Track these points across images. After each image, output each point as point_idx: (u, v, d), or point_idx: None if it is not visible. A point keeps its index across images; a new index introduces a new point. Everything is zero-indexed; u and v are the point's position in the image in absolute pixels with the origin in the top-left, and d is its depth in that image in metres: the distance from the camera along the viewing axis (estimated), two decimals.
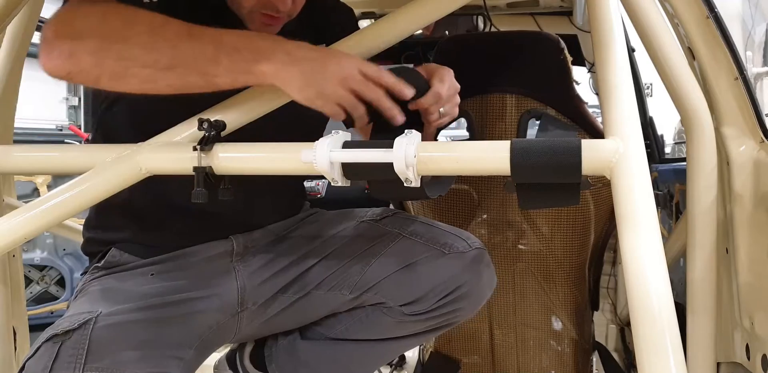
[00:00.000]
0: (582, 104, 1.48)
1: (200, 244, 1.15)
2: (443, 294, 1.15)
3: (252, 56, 0.85)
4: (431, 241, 1.18)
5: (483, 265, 1.19)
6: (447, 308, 1.17)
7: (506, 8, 2.06)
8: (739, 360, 1.14)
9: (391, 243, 1.19)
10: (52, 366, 0.93)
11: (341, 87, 0.87)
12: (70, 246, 3.12)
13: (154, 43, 0.85)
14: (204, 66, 0.85)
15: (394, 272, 1.16)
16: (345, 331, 1.23)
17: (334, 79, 0.86)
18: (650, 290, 0.74)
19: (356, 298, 1.19)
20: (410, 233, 1.20)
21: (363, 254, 1.19)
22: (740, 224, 1.12)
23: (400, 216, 1.25)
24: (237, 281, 1.15)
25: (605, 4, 0.97)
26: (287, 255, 1.20)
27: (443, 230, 1.21)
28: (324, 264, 1.19)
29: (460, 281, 1.16)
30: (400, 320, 1.19)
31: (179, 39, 0.85)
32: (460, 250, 1.17)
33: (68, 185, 0.93)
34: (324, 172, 0.86)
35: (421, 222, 1.23)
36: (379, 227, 1.22)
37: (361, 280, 1.17)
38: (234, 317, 1.15)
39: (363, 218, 1.25)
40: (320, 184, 2.44)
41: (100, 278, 1.12)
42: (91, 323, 0.98)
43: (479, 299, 1.21)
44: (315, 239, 1.22)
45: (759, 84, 4.29)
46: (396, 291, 1.17)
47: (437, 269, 1.16)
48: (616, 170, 0.80)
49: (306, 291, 1.19)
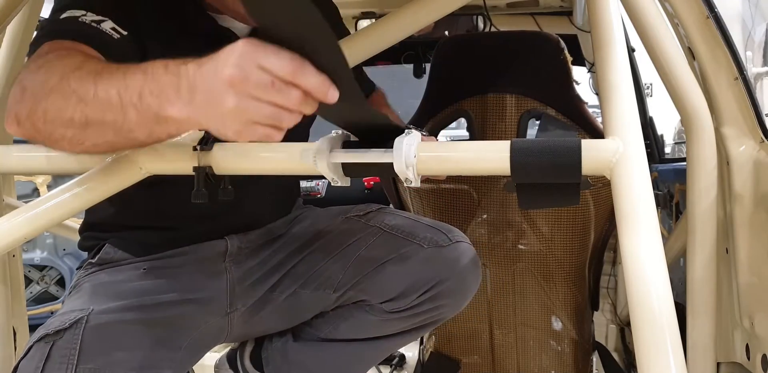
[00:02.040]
0: (582, 104, 1.48)
1: (195, 244, 1.14)
2: (422, 290, 1.13)
3: (155, 102, 0.70)
4: (411, 235, 1.15)
5: (465, 259, 1.16)
6: (429, 304, 1.15)
7: (506, 8, 2.06)
8: (739, 360, 1.14)
9: (372, 238, 1.17)
10: (44, 367, 0.93)
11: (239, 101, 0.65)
12: (70, 246, 3.11)
13: (66, 100, 0.74)
14: (114, 120, 0.73)
15: (374, 268, 1.15)
16: (333, 331, 1.23)
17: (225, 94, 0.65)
18: (650, 290, 0.74)
19: (341, 296, 1.18)
20: (391, 228, 1.17)
21: (345, 251, 1.18)
22: (740, 224, 1.12)
23: (383, 211, 1.23)
24: (227, 283, 1.15)
25: (605, 4, 0.97)
26: (277, 255, 1.20)
27: (425, 225, 1.18)
28: (308, 261, 1.19)
29: (440, 276, 1.13)
30: (382, 318, 1.18)
31: (85, 89, 0.73)
32: (440, 243, 1.14)
33: (68, 185, 0.93)
34: (324, 173, 0.86)
35: (404, 217, 1.21)
36: (362, 223, 1.21)
37: (343, 278, 1.16)
38: (224, 318, 1.15)
39: (348, 214, 1.24)
40: (320, 184, 2.45)
41: (93, 274, 1.12)
42: (82, 322, 0.98)
43: (463, 295, 1.18)
44: (302, 237, 1.22)
45: (759, 84, 4.29)
46: (376, 288, 1.15)
47: (415, 265, 1.13)
48: (616, 170, 0.80)
49: (292, 290, 1.18)
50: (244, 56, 0.64)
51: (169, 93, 0.69)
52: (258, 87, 0.64)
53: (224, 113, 0.66)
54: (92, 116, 0.73)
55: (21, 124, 0.79)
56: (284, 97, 0.65)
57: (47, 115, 0.76)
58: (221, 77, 0.64)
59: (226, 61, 0.64)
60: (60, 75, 0.76)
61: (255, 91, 0.64)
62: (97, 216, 1.17)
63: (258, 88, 0.64)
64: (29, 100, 0.77)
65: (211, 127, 0.69)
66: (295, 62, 0.64)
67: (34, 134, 0.79)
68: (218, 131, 0.69)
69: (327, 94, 0.66)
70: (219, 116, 0.67)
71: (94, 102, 0.73)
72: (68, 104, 0.74)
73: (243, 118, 0.66)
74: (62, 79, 0.75)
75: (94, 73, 0.74)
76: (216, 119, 0.67)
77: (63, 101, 0.74)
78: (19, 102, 0.78)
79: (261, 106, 0.65)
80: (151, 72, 0.71)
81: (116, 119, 0.72)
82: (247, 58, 0.63)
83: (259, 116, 0.66)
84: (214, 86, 0.65)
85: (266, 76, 0.63)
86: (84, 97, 0.73)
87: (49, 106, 0.75)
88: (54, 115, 0.75)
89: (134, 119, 0.71)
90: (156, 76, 0.70)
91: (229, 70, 0.63)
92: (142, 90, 0.70)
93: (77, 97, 0.73)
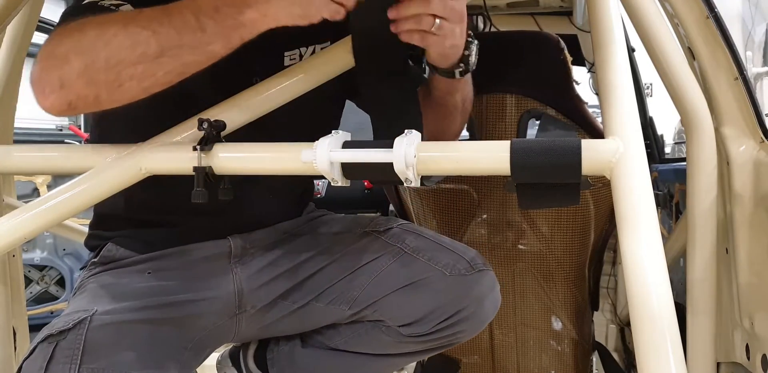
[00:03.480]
0: (582, 104, 1.48)
1: (197, 242, 1.14)
2: (443, 318, 1.12)
3: (233, 10, 0.82)
4: (433, 260, 1.13)
5: (486, 288, 1.15)
6: (447, 331, 1.14)
7: (506, 8, 2.06)
8: (739, 360, 1.14)
9: (393, 259, 1.15)
10: (48, 367, 0.93)
11: None
12: (70, 246, 3.11)
13: (134, 37, 0.81)
14: (192, 39, 0.82)
15: (394, 291, 1.13)
16: (344, 343, 1.22)
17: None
18: (650, 290, 0.74)
19: (356, 313, 1.17)
20: (413, 250, 1.15)
21: (364, 269, 1.16)
22: (740, 224, 1.12)
23: (404, 228, 1.21)
24: (234, 284, 1.14)
25: (605, 4, 0.97)
26: (288, 259, 1.18)
27: (446, 248, 1.16)
28: (325, 274, 1.17)
29: (461, 305, 1.12)
30: (398, 339, 1.16)
31: (156, 22, 0.82)
32: (462, 272, 1.12)
33: (68, 185, 0.93)
34: (324, 172, 0.86)
35: (425, 237, 1.19)
36: (382, 241, 1.19)
37: (360, 296, 1.15)
38: (232, 319, 1.15)
39: (367, 228, 1.22)
40: (320, 184, 2.44)
41: (97, 274, 1.12)
42: (86, 323, 0.98)
43: (481, 323, 1.17)
44: (317, 245, 1.20)
45: (759, 84, 4.30)
46: (395, 312, 1.14)
47: (437, 292, 1.12)
48: (616, 170, 0.80)
49: (306, 301, 1.17)
50: None
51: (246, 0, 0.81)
52: None
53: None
54: (168, 43, 0.81)
55: (68, 86, 0.82)
56: None
57: (110, 62, 0.81)
58: None
59: None
60: (120, 24, 0.82)
61: None
62: (103, 209, 1.16)
63: None
64: (79, 58, 0.81)
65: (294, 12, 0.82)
66: None
67: (86, 91, 0.83)
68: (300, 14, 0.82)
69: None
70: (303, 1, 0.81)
71: (168, 30, 0.81)
72: (138, 41, 0.81)
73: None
74: (125, 26, 0.82)
75: (159, 11, 0.83)
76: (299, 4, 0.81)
77: (130, 41, 0.81)
78: (63, 64, 0.82)
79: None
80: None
81: (194, 38, 0.82)
82: None
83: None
84: None
85: None
86: (157, 29, 0.81)
87: (111, 51, 0.81)
88: (121, 57, 0.81)
89: (212, 31, 0.82)
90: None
91: None
92: (216, 4, 0.82)
93: (148, 32, 0.81)
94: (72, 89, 0.83)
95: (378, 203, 2.44)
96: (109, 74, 0.82)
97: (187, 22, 0.81)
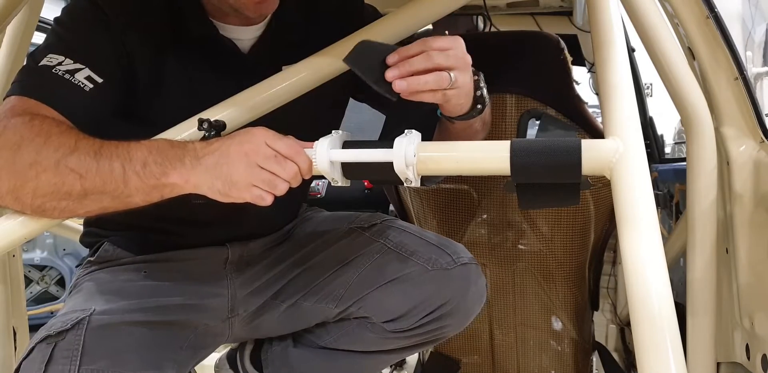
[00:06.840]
0: (582, 104, 1.48)
1: (195, 248, 1.15)
2: (426, 312, 1.12)
3: (158, 170, 0.83)
4: (415, 255, 1.14)
5: (469, 282, 1.14)
6: (431, 325, 1.14)
7: (506, 8, 2.06)
8: (739, 360, 1.14)
9: (376, 255, 1.16)
10: (47, 368, 0.93)
11: (248, 167, 0.83)
12: (70, 246, 3.11)
13: (62, 178, 0.83)
14: (114, 189, 0.84)
15: (377, 288, 1.14)
16: (334, 341, 1.23)
17: (238, 161, 0.83)
18: (650, 290, 0.74)
19: (342, 311, 1.18)
20: (395, 246, 1.16)
21: (348, 266, 1.17)
22: (740, 224, 1.12)
23: (389, 224, 1.21)
24: (228, 289, 1.16)
25: (605, 4, 0.97)
26: (279, 262, 1.20)
27: (430, 243, 1.16)
28: (310, 273, 1.18)
29: (444, 298, 1.12)
30: (383, 336, 1.17)
31: (85, 168, 0.83)
32: (444, 266, 1.12)
33: None
34: (324, 172, 0.86)
35: (409, 232, 1.19)
36: (367, 237, 1.19)
37: (345, 293, 1.16)
38: (225, 322, 1.16)
39: (353, 224, 1.23)
40: (320, 184, 2.44)
41: (93, 272, 1.12)
42: (84, 323, 0.98)
43: (466, 316, 1.17)
44: (306, 244, 1.22)
45: (759, 84, 4.29)
46: (378, 308, 1.14)
47: (419, 287, 1.12)
48: (616, 170, 0.80)
49: (294, 300, 1.18)
50: (258, 136, 0.84)
51: (174, 162, 0.84)
52: (265, 158, 0.83)
53: (233, 176, 0.83)
54: (92, 188, 0.84)
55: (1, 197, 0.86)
56: (282, 168, 0.84)
57: (38, 192, 0.84)
58: (239, 149, 0.83)
59: (244, 137, 0.84)
60: (53, 159, 0.83)
61: (262, 162, 0.83)
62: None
63: (265, 159, 0.83)
64: (9, 178, 0.84)
65: (215, 187, 0.84)
66: (294, 146, 0.85)
67: (16, 206, 0.87)
68: (220, 190, 0.84)
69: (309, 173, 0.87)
70: (227, 179, 0.83)
71: (95, 176, 0.83)
72: (65, 181, 0.83)
73: (248, 180, 0.83)
74: (57, 163, 0.83)
75: (93, 152, 0.84)
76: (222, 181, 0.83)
77: (59, 179, 0.83)
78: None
79: (263, 172, 0.83)
80: (156, 147, 0.85)
81: (116, 188, 0.84)
82: (260, 137, 0.84)
83: (259, 180, 0.83)
84: (230, 155, 0.83)
85: (271, 151, 0.84)
86: (85, 173, 0.83)
87: (40, 184, 0.83)
88: (47, 191, 0.84)
89: (135, 186, 0.84)
90: (161, 150, 0.84)
91: (247, 145, 0.83)
92: (146, 160, 0.84)
93: (76, 174, 0.83)
94: (3, 200, 0.86)
95: (378, 203, 2.43)
96: (34, 201, 0.85)
97: (113, 171, 0.83)
